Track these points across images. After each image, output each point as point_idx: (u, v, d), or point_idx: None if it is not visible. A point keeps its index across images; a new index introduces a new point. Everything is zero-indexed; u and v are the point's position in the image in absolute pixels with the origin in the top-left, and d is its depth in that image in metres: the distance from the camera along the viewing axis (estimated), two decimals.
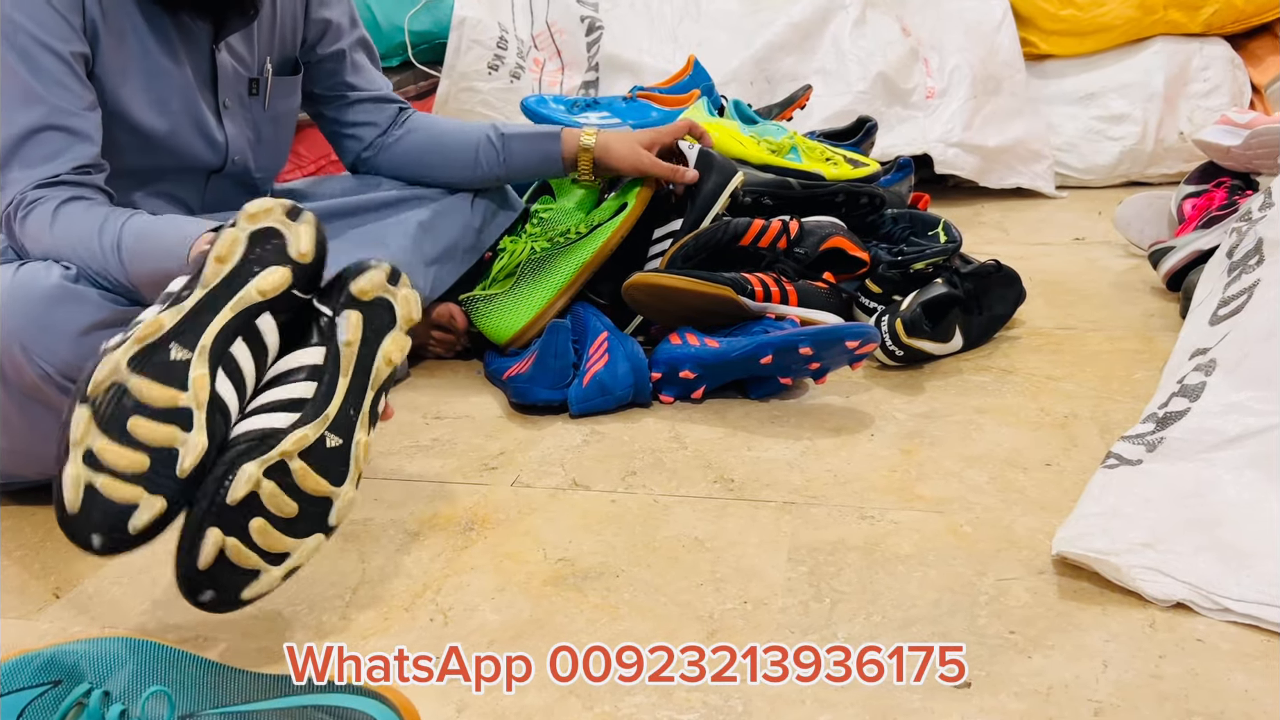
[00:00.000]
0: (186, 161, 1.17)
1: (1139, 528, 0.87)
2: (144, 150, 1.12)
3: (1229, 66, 2.21)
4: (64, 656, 0.65)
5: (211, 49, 1.15)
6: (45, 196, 1.01)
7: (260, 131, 1.24)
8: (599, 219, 1.35)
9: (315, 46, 1.29)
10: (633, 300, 1.32)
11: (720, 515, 0.98)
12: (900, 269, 1.37)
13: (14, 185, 1.01)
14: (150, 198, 1.16)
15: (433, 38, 2.14)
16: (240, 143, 1.21)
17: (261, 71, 1.22)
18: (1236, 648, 0.76)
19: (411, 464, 1.12)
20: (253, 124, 1.23)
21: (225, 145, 1.19)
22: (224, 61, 1.16)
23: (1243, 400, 0.96)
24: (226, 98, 1.18)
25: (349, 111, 1.36)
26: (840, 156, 1.55)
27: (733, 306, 1.27)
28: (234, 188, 1.24)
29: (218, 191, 1.22)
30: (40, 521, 1.02)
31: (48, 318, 0.94)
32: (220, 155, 1.19)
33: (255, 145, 1.24)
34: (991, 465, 1.05)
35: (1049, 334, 1.41)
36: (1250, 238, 1.17)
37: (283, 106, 1.27)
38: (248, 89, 1.21)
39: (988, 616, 0.81)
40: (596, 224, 1.34)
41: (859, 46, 2.16)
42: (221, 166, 1.20)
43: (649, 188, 1.36)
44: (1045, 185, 2.18)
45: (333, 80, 1.33)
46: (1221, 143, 1.56)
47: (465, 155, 1.35)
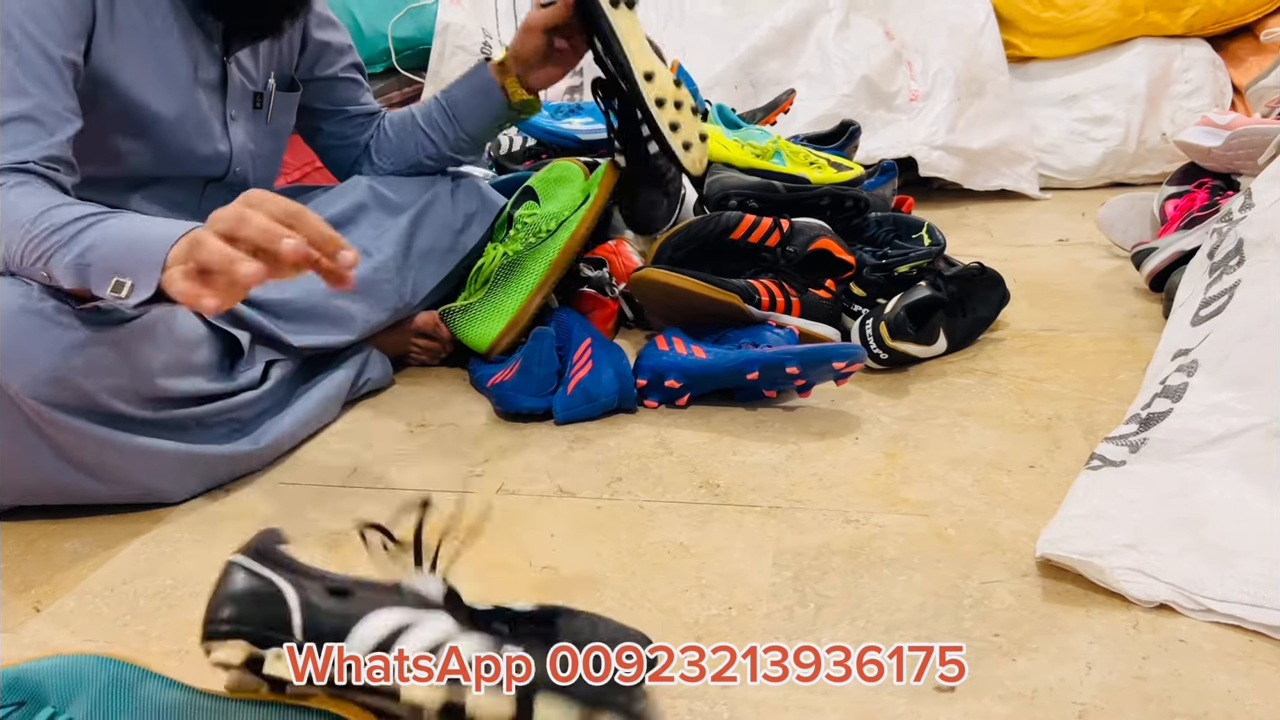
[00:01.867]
0: (191, 168, 1.20)
1: (1122, 529, 0.87)
2: (153, 153, 1.15)
3: (1210, 68, 2.22)
4: (29, 676, 0.64)
5: (224, 60, 1.19)
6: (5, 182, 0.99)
7: (261, 145, 1.28)
8: (564, 214, 1.34)
9: (314, 67, 1.34)
10: (639, 293, 1.33)
11: (706, 521, 0.98)
12: (884, 272, 1.37)
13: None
14: (146, 203, 1.18)
15: (416, 44, 2.15)
16: (243, 154, 1.24)
17: (265, 86, 1.26)
18: (1220, 648, 0.76)
19: (395, 472, 1.12)
20: (255, 137, 1.27)
21: (229, 155, 1.23)
22: (234, 74, 1.21)
23: (1225, 401, 0.97)
24: (234, 109, 1.22)
25: (346, 126, 1.41)
26: (824, 160, 1.56)
27: (737, 313, 1.28)
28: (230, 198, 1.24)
29: (214, 201, 1.22)
30: (22, 534, 1.02)
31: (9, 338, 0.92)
32: (224, 165, 1.23)
33: (255, 158, 1.27)
34: (976, 468, 1.06)
35: (1033, 336, 1.41)
36: (1231, 238, 1.18)
37: (282, 122, 1.32)
38: (253, 103, 1.25)
39: (972, 620, 0.81)
40: (563, 220, 1.34)
41: (843, 50, 2.17)
42: (223, 176, 1.23)
43: (611, 175, 1.35)
44: (1029, 187, 2.19)
45: (333, 96, 1.38)
46: (1202, 144, 1.56)
47: (429, 125, 1.38)
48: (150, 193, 1.18)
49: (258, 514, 1.04)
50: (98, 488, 1.01)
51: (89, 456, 0.99)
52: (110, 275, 0.88)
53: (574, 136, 1.64)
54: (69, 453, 0.98)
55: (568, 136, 1.64)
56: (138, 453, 1.01)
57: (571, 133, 1.64)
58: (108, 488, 1.02)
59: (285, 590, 0.66)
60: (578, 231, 1.32)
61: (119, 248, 0.89)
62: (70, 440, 0.97)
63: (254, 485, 1.10)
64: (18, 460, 0.97)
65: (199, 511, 1.05)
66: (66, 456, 0.98)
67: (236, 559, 0.68)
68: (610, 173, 1.35)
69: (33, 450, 0.96)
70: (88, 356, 0.95)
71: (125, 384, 0.99)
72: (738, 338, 1.27)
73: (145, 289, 0.86)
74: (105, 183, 1.13)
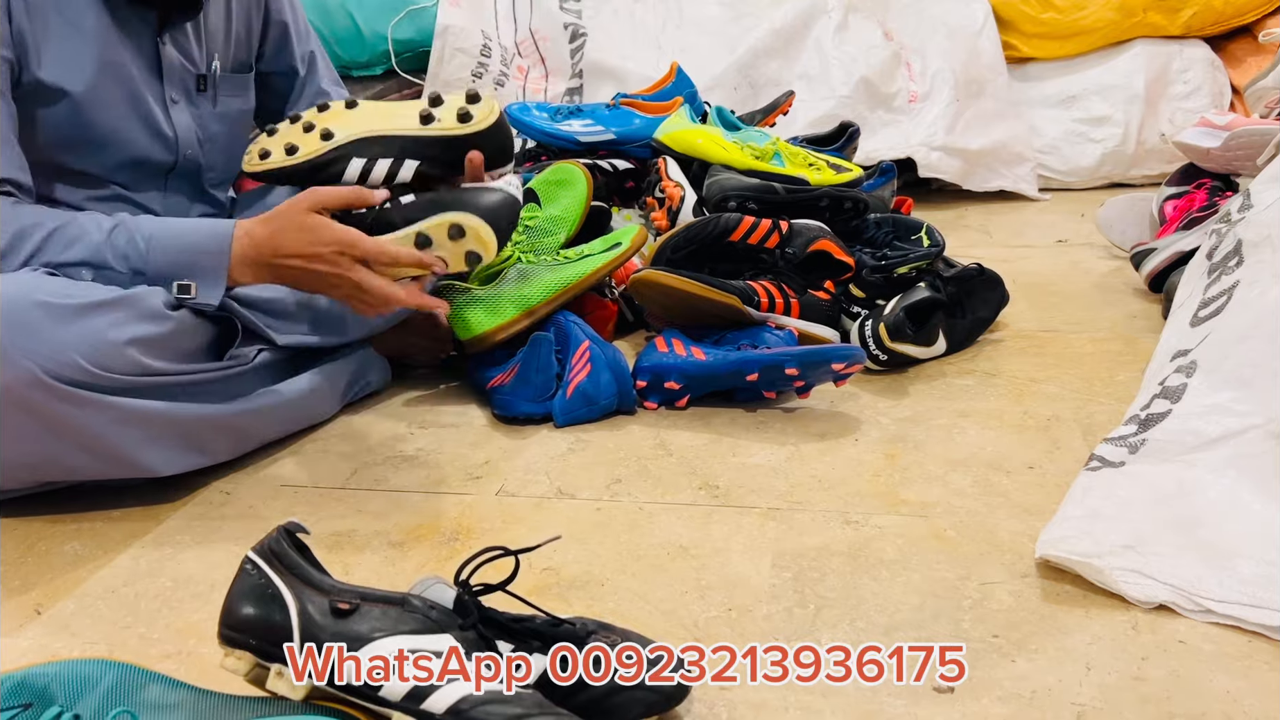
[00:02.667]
0: (137, 154, 1.17)
1: (1121, 530, 0.87)
2: (93, 144, 1.13)
3: (1209, 68, 2.23)
4: (35, 679, 0.64)
5: (156, 41, 1.16)
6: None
7: (208, 128, 1.25)
8: (589, 251, 1.36)
9: (278, 54, 1.33)
10: (639, 294, 1.34)
11: (705, 522, 0.99)
12: (883, 273, 1.38)
13: None
14: (107, 202, 1.16)
15: (416, 46, 2.15)
16: (189, 137, 1.22)
17: (210, 68, 1.23)
18: (1218, 649, 0.76)
19: (396, 474, 1.12)
20: (200, 120, 1.24)
21: (175, 140, 1.20)
22: (169, 55, 1.18)
23: (1223, 401, 0.97)
24: (173, 92, 1.19)
25: None
26: (823, 162, 1.56)
27: (737, 314, 1.28)
28: (191, 190, 1.25)
29: (176, 194, 1.24)
30: (21, 536, 1.02)
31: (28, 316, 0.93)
32: (171, 150, 1.20)
33: (205, 142, 1.25)
34: (975, 468, 1.06)
35: (1032, 336, 1.41)
36: (1229, 239, 1.18)
37: (233, 105, 1.28)
38: (195, 85, 1.22)
39: (971, 620, 0.81)
40: (586, 255, 1.36)
41: (842, 51, 2.17)
42: (174, 164, 1.21)
43: (641, 234, 1.38)
44: (1028, 188, 2.19)
45: (293, 83, 1.36)
46: (1201, 145, 1.57)
47: None
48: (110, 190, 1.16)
49: (258, 515, 1.04)
50: (84, 461, 1.00)
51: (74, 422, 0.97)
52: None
53: (573, 139, 1.64)
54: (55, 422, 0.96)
55: (567, 139, 1.64)
56: (121, 416, 0.99)
57: (571, 135, 1.64)
58: (93, 460, 1.00)
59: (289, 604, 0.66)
60: (599, 270, 1.33)
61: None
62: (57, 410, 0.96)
63: (254, 486, 1.10)
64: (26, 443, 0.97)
65: (199, 513, 1.05)
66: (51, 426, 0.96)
67: (251, 560, 0.69)
68: (642, 231, 1.38)
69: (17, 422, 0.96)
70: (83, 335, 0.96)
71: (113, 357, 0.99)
72: (737, 339, 1.27)
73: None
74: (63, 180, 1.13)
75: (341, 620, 0.66)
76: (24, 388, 0.93)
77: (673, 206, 1.47)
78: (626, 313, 1.50)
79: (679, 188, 1.49)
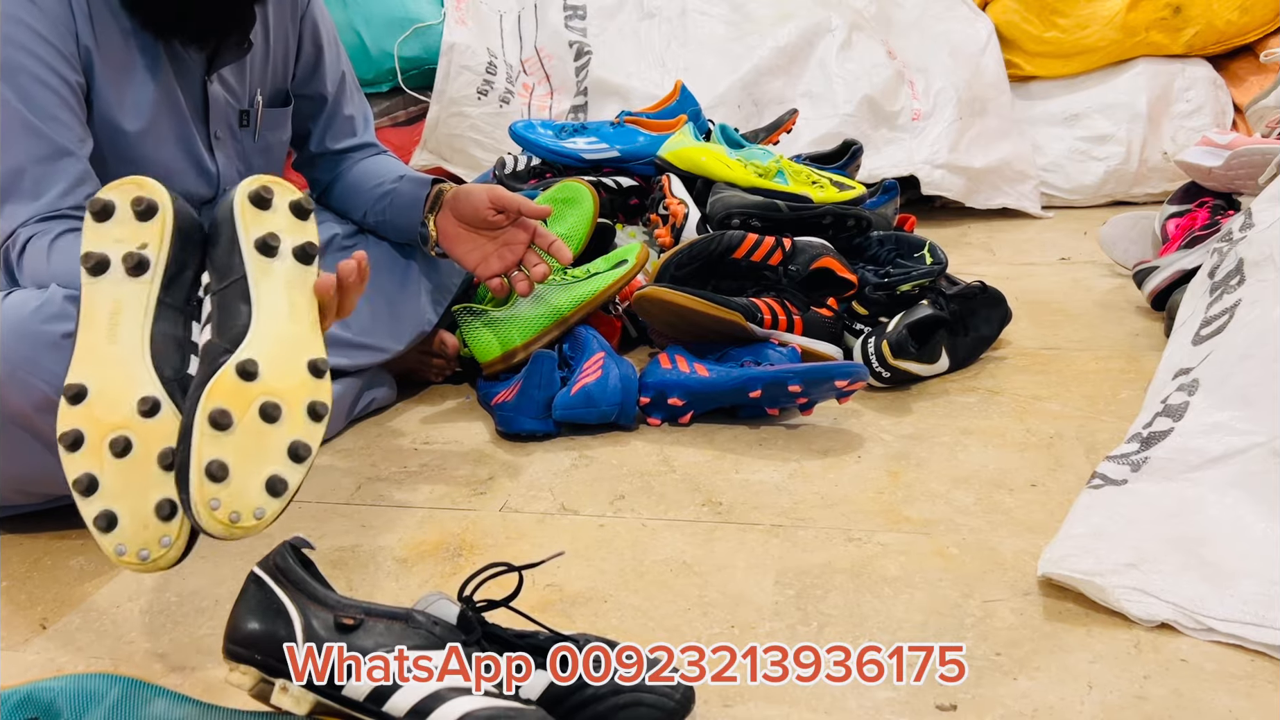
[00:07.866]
0: (180, 190, 1.17)
1: (1124, 548, 0.87)
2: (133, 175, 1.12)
3: (1211, 87, 2.24)
4: (41, 693, 0.65)
5: (204, 80, 1.16)
6: (41, 230, 1.01)
7: (250, 163, 1.24)
8: (596, 270, 1.37)
9: (310, 78, 1.30)
10: (643, 311, 1.34)
11: (708, 539, 0.99)
12: (886, 291, 1.38)
13: (9, 220, 1.02)
14: None
15: (422, 63, 2.16)
16: (231, 174, 1.21)
17: (252, 103, 1.23)
18: (1221, 668, 0.76)
19: (399, 490, 1.13)
20: (243, 155, 1.24)
21: (217, 176, 1.20)
22: (216, 93, 1.17)
23: (1225, 420, 0.97)
24: (218, 129, 1.19)
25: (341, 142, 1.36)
26: (826, 179, 1.57)
27: (740, 331, 1.29)
28: None
29: None
30: (27, 551, 1.02)
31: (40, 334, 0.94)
32: (212, 186, 1.20)
33: (244, 176, 1.23)
34: (978, 486, 1.06)
35: (1035, 354, 1.41)
36: (1231, 258, 1.18)
37: (273, 138, 1.28)
38: (238, 120, 1.22)
39: (974, 638, 0.81)
40: (595, 273, 1.37)
41: (845, 69, 2.18)
42: (213, 198, 1.21)
43: (645, 251, 1.40)
44: (1031, 205, 2.20)
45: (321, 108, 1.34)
46: (1203, 164, 1.57)
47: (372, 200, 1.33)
48: None
49: (263, 531, 1.05)
50: None
51: None
52: None
53: (578, 156, 1.65)
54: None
55: (572, 156, 1.65)
56: None
57: (575, 152, 1.65)
58: None
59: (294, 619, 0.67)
60: (608, 288, 1.35)
61: None
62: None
63: None
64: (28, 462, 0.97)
65: None
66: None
67: (257, 575, 0.69)
68: (644, 250, 1.40)
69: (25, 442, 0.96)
70: None
71: None
72: (740, 356, 1.28)
73: None
74: None
75: (346, 636, 0.66)
76: (33, 410, 0.94)
77: (676, 224, 1.48)
78: (630, 329, 1.51)
79: (683, 205, 1.50)
